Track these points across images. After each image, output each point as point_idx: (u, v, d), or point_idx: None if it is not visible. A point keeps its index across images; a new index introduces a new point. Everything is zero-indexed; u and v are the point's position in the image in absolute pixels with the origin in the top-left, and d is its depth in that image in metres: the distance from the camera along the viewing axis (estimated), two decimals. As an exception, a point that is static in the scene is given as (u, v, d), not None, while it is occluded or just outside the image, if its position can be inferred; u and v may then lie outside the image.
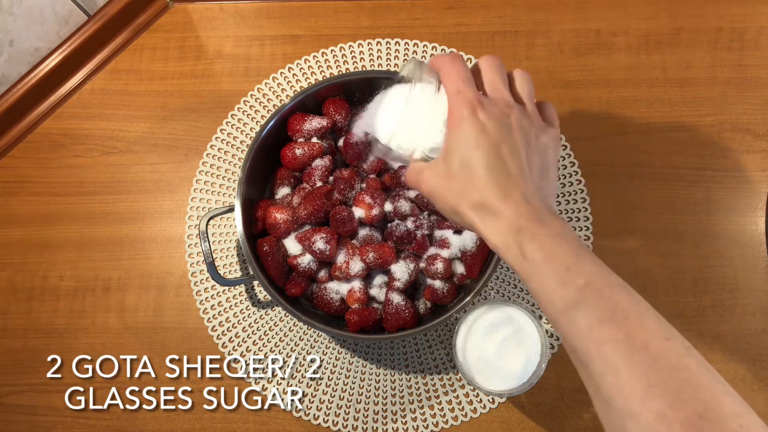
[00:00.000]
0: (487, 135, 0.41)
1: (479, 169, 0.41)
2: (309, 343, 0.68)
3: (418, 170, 0.46)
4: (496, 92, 0.43)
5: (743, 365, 0.66)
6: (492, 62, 0.44)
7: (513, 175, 0.41)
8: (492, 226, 0.41)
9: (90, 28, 0.75)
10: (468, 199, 0.42)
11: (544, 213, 0.40)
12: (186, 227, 0.72)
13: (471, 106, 0.42)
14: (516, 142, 0.42)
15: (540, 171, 0.43)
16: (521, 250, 0.39)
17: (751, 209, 0.71)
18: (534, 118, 0.44)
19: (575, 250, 0.39)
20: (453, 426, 0.66)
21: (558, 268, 0.38)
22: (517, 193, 0.41)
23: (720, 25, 0.76)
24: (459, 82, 0.43)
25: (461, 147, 0.42)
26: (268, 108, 0.75)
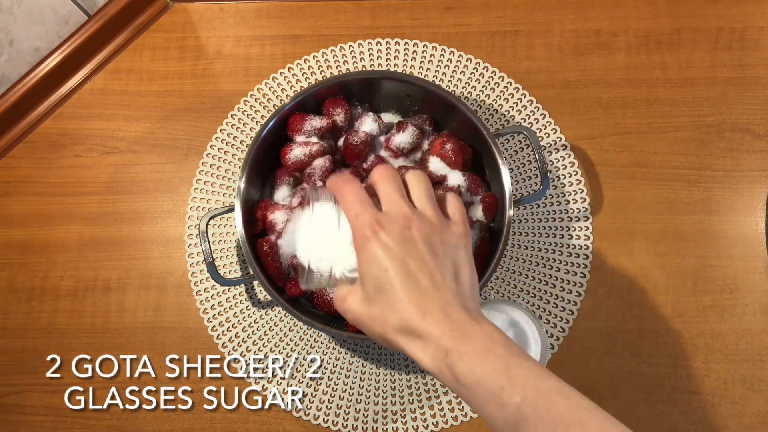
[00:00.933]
0: (392, 254, 0.40)
1: (393, 291, 0.40)
2: (309, 343, 0.68)
3: (342, 297, 0.45)
4: (392, 205, 0.43)
5: (743, 365, 0.66)
6: (385, 174, 0.44)
7: (427, 290, 0.40)
8: (420, 350, 0.40)
9: (90, 28, 0.75)
10: (391, 325, 0.41)
11: (467, 325, 0.39)
12: (186, 227, 0.72)
13: (371, 228, 0.41)
14: (422, 254, 0.41)
15: (454, 275, 0.42)
16: (453, 374, 0.38)
17: (751, 209, 0.71)
18: (436, 222, 0.43)
19: (505, 362, 0.38)
20: (453, 426, 0.66)
21: (492, 389, 0.37)
22: (434, 308, 0.40)
23: (720, 25, 0.76)
24: (356, 204, 0.43)
25: (371, 271, 0.41)
26: (268, 108, 0.75)
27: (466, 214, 0.46)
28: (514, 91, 0.75)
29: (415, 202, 0.44)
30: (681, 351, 0.67)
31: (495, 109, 0.74)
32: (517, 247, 0.70)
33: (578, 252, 0.70)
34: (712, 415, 0.65)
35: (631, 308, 0.68)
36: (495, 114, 0.74)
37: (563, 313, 0.68)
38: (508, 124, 0.74)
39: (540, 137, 0.73)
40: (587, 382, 0.66)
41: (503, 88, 0.75)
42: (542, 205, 0.71)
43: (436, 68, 0.76)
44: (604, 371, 0.67)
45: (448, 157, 0.63)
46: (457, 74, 0.75)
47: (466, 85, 0.75)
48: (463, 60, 0.76)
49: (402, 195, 0.44)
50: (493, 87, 0.75)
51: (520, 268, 0.70)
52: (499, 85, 0.75)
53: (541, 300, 0.69)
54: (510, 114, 0.74)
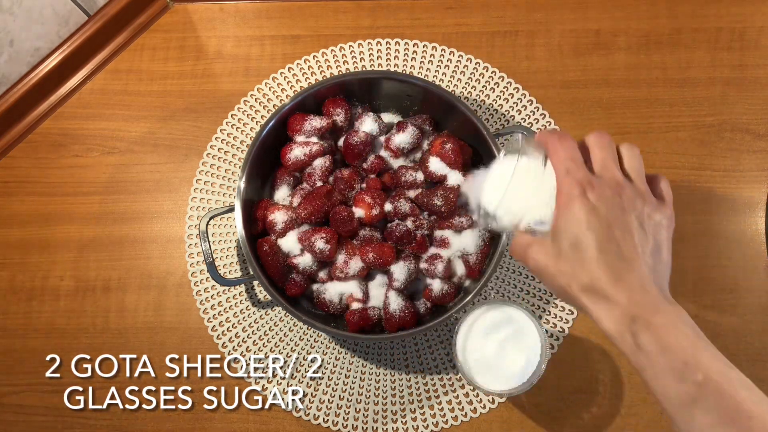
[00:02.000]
0: (599, 216, 0.40)
1: (590, 251, 0.40)
2: (309, 343, 0.68)
3: (525, 244, 0.45)
4: (606, 171, 0.42)
5: (743, 365, 0.65)
6: (601, 140, 0.44)
7: (626, 258, 0.40)
8: (604, 312, 0.40)
9: (90, 28, 0.75)
10: (578, 282, 0.41)
11: (659, 299, 0.40)
12: (186, 227, 0.72)
13: (581, 187, 0.41)
14: (628, 223, 0.41)
15: (653, 252, 0.42)
16: (635, 341, 0.38)
17: (751, 209, 0.71)
18: (646, 196, 0.43)
19: (693, 341, 0.38)
20: (453, 426, 0.66)
21: (674, 361, 0.37)
22: (630, 277, 0.40)
23: (720, 25, 0.76)
24: (568, 161, 0.42)
25: (572, 228, 0.41)
26: (268, 108, 0.75)
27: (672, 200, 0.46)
28: (514, 91, 0.75)
29: (627, 173, 0.44)
30: (681, 351, 0.67)
31: (495, 109, 0.74)
32: (517, 247, 0.70)
33: (578, 252, 0.69)
34: (712, 415, 0.65)
35: (631, 308, 0.68)
36: (495, 114, 0.74)
37: (563, 313, 0.68)
38: (508, 124, 0.74)
39: (540, 137, 0.73)
40: (587, 382, 0.67)
41: (503, 88, 0.75)
42: (542, 205, 0.71)
43: (436, 68, 0.76)
44: (604, 371, 0.67)
45: (448, 157, 0.63)
46: (457, 74, 0.75)
47: (466, 85, 0.75)
48: (463, 60, 0.76)
49: (616, 163, 0.43)
50: (493, 87, 0.75)
51: (520, 268, 0.70)
52: (499, 85, 0.75)
53: (541, 300, 0.69)
54: (510, 114, 0.74)
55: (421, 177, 0.65)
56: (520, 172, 0.45)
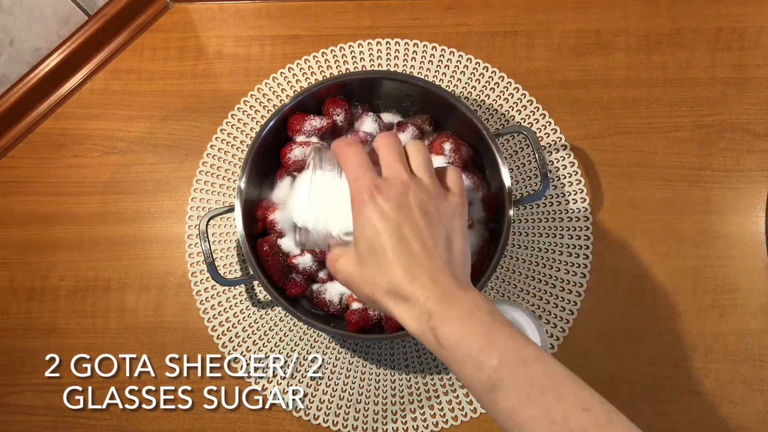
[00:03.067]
0: (387, 218, 0.41)
1: (385, 254, 0.41)
2: (309, 343, 0.68)
3: (335, 257, 0.46)
4: (392, 172, 0.43)
5: (743, 365, 0.66)
6: (386, 141, 0.45)
7: (417, 256, 0.41)
8: (406, 313, 0.41)
9: (90, 28, 0.75)
10: (380, 287, 0.41)
11: (454, 291, 0.40)
12: (186, 227, 0.72)
13: (369, 192, 0.42)
14: (416, 221, 0.42)
15: (446, 243, 0.43)
16: (435, 337, 0.39)
17: (751, 209, 0.71)
18: (433, 191, 0.44)
19: (487, 327, 0.39)
20: (453, 426, 0.66)
21: (471, 350, 0.38)
22: (423, 274, 0.40)
23: (720, 25, 0.76)
24: (356, 167, 0.43)
25: (365, 233, 0.42)
26: (268, 108, 0.75)
27: (464, 187, 0.47)
28: (514, 91, 0.75)
29: (414, 171, 0.45)
30: (681, 351, 0.67)
31: (495, 109, 0.74)
32: (517, 247, 0.70)
33: (578, 252, 0.70)
34: (712, 415, 0.65)
35: (631, 308, 0.68)
36: (495, 114, 0.74)
37: (563, 313, 0.68)
38: (508, 124, 0.74)
39: (540, 137, 0.73)
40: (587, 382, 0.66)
41: (503, 88, 0.75)
42: (542, 205, 0.71)
43: (436, 68, 0.76)
44: (604, 371, 0.67)
45: (448, 157, 0.63)
46: (457, 74, 0.75)
47: (466, 85, 0.75)
48: (463, 60, 0.76)
49: (402, 162, 0.44)
50: (493, 87, 0.75)
51: (520, 268, 0.70)
52: (499, 85, 0.75)
53: (541, 300, 0.69)
54: (510, 114, 0.74)
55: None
56: (318, 183, 0.45)
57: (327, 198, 0.46)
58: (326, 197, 0.46)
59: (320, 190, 0.46)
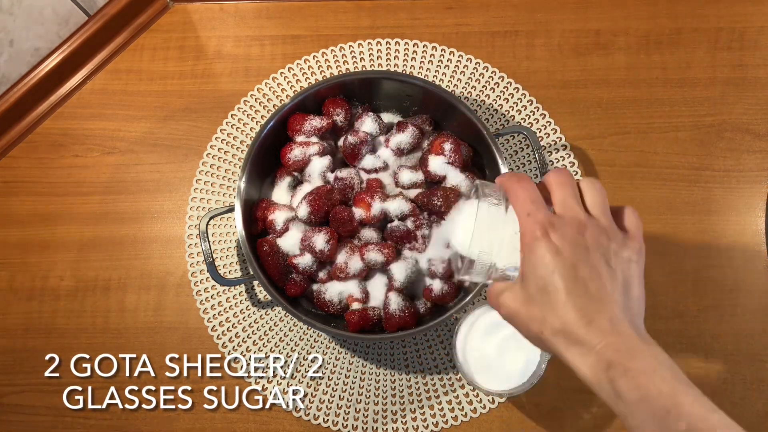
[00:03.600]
0: (563, 257, 0.39)
1: (558, 294, 0.39)
2: (309, 343, 0.68)
3: (498, 292, 0.44)
4: (568, 210, 0.41)
5: (743, 365, 0.66)
6: (560, 178, 0.43)
7: (595, 299, 0.39)
8: (579, 357, 0.39)
9: (90, 28, 0.75)
10: (550, 327, 0.40)
11: (634, 341, 0.38)
12: (186, 227, 0.72)
13: (542, 229, 0.40)
14: (594, 262, 0.40)
15: (623, 289, 0.40)
16: (614, 388, 0.37)
17: (751, 209, 0.71)
18: (611, 232, 0.41)
19: (673, 386, 0.37)
20: (453, 426, 0.66)
21: (656, 410, 0.36)
22: (602, 318, 0.38)
23: (720, 25, 0.76)
24: (528, 203, 0.41)
25: (537, 271, 0.40)
26: (268, 108, 0.75)
27: (642, 230, 0.44)
28: (514, 91, 0.75)
29: (590, 210, 0.42)
30: (681, 351, 0.67)
31: (495, 109, 0.74)
32: (517, 247, 0.70)
33: (578, 252, 0.69)
34: (712, 415, 0.65)
35: (631, 308, 0.68)
36: (495, 114, 0.74)
37: (563, 313, 0.68)
38: (508, 124, 0.74)
39: (540, 137, 0.73)
40: (587, 382, 0.66)
41: (503, 88, 0.75)
42: (542, 205, 0.71)
43: (436, 68, 0.76)
44: (604, 371, 0.67)
45: (448, 157, 0.63)
46: (457, 74, 0.75)
47: (466, 85, 0.75)
48: (463, 60, 0.76)
49: (577, 201, 0.42)
50: (493, 87, 0.75)
51: (520, 268, 0.70)
52: (499, 85, 0.75)
53: (541, 300, 0.69)
54: (510, 114, 0.74)
55: (421, 177, 0.65)
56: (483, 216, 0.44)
57: (492, 230, 0.44)
58: (491, 229, 0.44)
59: (485, 222, 0.44)
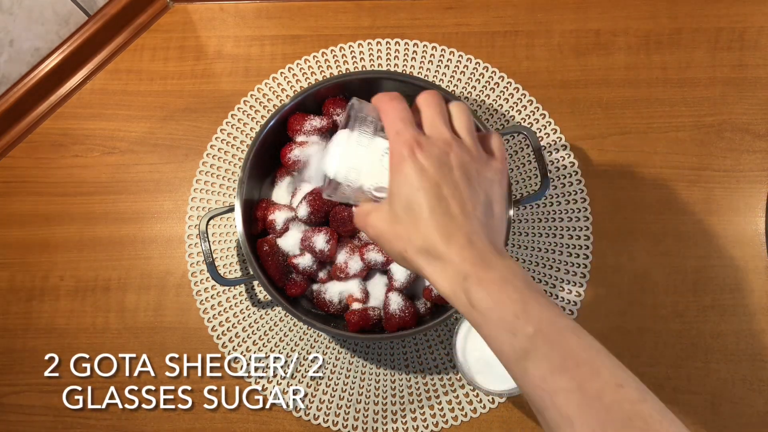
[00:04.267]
0: (427, 176, 0.40)
1: (422, 212, 0.40)
2: (309, 343, 0.68)
3: (365, 212, 0.45)
4: (435, 130, 0.42)
5: (743, 365, 0.66)
6: (430, 99, 0.44)
7: (455, 216, 0.40)
8: (439, 272, 0.40)
9: (90, 28, 0.75)
10: (413, 245, 0.41)
11: (490, 255, 0.39)
12: (186, 227, 0.72)
13: (409, 147, 0.40)
14: (456, 181, 0.41)
15: (485, 208, 0.42)
16: (468, 298, 0.38)
17: (751, 209, 0.71)
18: (475, 153, 0.43)
19: (523, 295, 0.38)
20: (453, 426, 0.66)
21: (506, 316, 0.37)
22: (460, 235, 0.39)
23: (720, 25, 0.76)
24: (398, 122, 0.42)
25: (403, 190, 0.41)
26: (268, 108, 0.75)
27: (505, 153, 0.45)
28: (514, 91, 0.75)
29: (457, 131, 0.43)
30: (681, 351, 0.67)
31: (495, 109, 0.74)
32: (517, 247, 0.70)
33: (578, 252, 0.70)
34: (712, 415, 0.65)
35: (631, 308, 0.68)
36: (495, 114, 0.74)
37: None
38: (508, 124, 0.74)
39: (540, 137, 0.73)
40: (587, 382, 0.66)
41: (503, 88, 0.75)
42: (542, 205, 0.71)
43: (436, 68, 0.76)
44: (604, 371, 0.67)
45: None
46: (457, 74, 0.75)
47: (466, 85, 0.75)
48: (463, 60, 0.76)
49: (445, 121, 0.43)
50: (493, 87, 0.75)
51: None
52: (499, 85, 0.75)
53: (541, 300, 0.69)
54: (510, 114, 0.74)
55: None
56: (354, 139, 0.44)
57: (361, 153, 0.44)
58: (360, 152, 0.44)
59: (354, 145, 0.44)
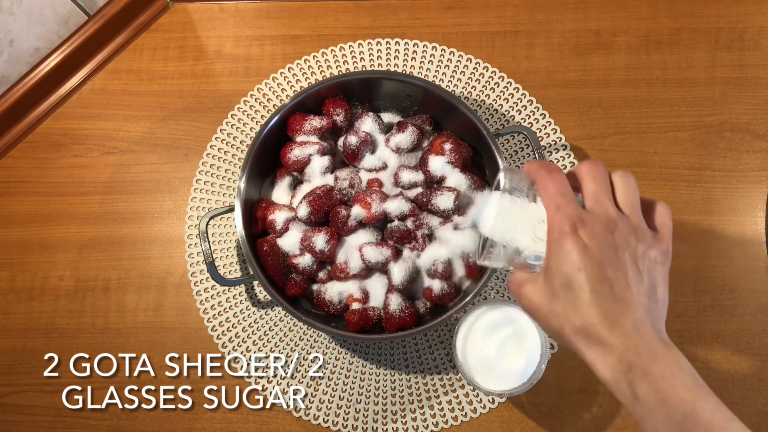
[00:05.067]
0: (590, 255, 0.38)
1: (583, 293, 0.39)
2: (309, 343, 0.68)
3: (519, 281, 0.43)
4: (598, 205, 0.40)
5: (743, 365, 0.66)
6: (594, 170, 0.41)
7: (619, 300, 0.38)
8: (599, 357, 0.39)
9: (90, 28, 0.75)
10: (571, 324, 0.39)
11: (656, 345, 0.38)
12: (186, 227, 0.72)
13: (571, 224, 0.39)
14: (622, 262, 0.39)
15: (648, 292, 0.40)
16: (632, 390, 0.37)
17: (751, 209, 0.71)
18: (640, 232, 0.41)
19: (692, 392, 0.37)
20: (453, 426, 0.66)
21: (674, 415, 0.36)
22: (625, 321, 0.38)
23: (720, 25, 0.76)
24: (558, 196, 0.40)
25: (562, 267, 0.39)
26: (268, 108, 0.75)
27: (672, 231, 0.44)
28: (514, 91, 0.75)
29: (621, 207, 0.41)
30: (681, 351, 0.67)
31: (495, 109, 0.74)
32: (517, 247, 0.70)
33: (578, 252, 0.69)
34: (712, 415, 0.65)
35: (631, 308, 0.68)
36: (495, 114, 0.74)
37: (563, 313, 0.68)
38: (508, 124, 0.74)
39: (540, 137, 0.73)
40: (587, 382, 0.66)
41: (503, 88, 0.75)
42: (542, 205, 0.71)
43: (436, 68, 0.76)
44: (604, 371, 0.67)
45: (448, 157, 0.63)
46: (457, 74, 0.75)
47: (466, 85, 0.75)
48: (463, 60, 0.76)
49: (609, 196, 0.41)
50: (493, 87, 0.75)
51: (520, 268, 0.70)
52: (499, 85, 0.75)
53: (541, 300, 0.69)
54: (510, 114, 0.74)
55: (421, 177, 0.65)
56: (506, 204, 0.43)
57: (517, 217, 0.43)
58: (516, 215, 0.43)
59: (510, 208, 0.43)
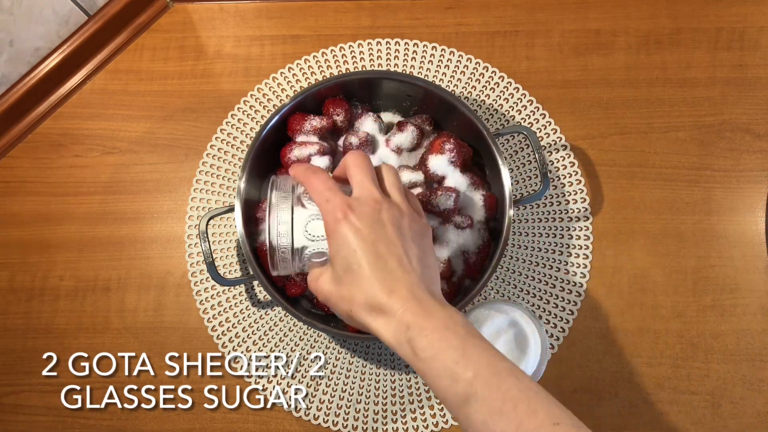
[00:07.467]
0: (362, 236, 0.42)
1: (362, 271, 0.42)
2: (309, 343, 0.68)
3: (314, 277, 0.47)
4: (365, 191, 0.45)
5: (743, 365, 0.66)
6: (358, 160, 0.46)
7: (394, 270, 0.42)
8: (383, 325, 0.41)
9: (90, 28, 0.75)
10: (357, 302, 0.43)
11: (430, 304, 0.41)
12: (186, 227, 0.72)
13: (342, 211, 0.43)
14: (391, 237, 0.43)
15: (419, 259, 0.44)
16: (412, 348, 0.40)
17: (751, 209, 0.71)
18: (403, 208, 0.45)
19: (463, 340, 0.39)
20: (453, 426, 0.66)
21: (447, 363, 0.39)
22: (401, 287, 0.42)
23: (720, 25, 0.76)
24: (325, 191, 0.45)
25: (341, 252, 0.43)
26: (268, 108, 0.75)
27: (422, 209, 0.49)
28: (514, 91, 0.75)
29: (386, 189, 0.46)
30: (681, 351, 0.67)
31: (495, 109, 0.74)
32: (517, 247, 0.70)
33: (578, 252, 0.70)
34: (712, 415, 0.65)
35: (631, 308, 0.68)
36: (495, 114, 0.74)
37: (563, 313, 0.68)
38: (508, 124, 0.74)
39: (540, 137, 0.73)
40: (587, 382, 0.66)
41: (503, 88, 0.75)
42: (542, 205, 0.71)
43: (436, 68, 0.76)
44: (604, 371, 0.67)
45: (448, 157, 0.63)
46: (457, 74, 0.75)
47: (466, 85, 0.75)
48: (463, 60, 0.76)
49: (374, 181, 0.46)
50: (493, 87, 0.75)
51: (520, 268, 0.70)
52: (499, 85, 0.75)
53: (541, 300, 0.69)
54: (510, 114, 0.74)
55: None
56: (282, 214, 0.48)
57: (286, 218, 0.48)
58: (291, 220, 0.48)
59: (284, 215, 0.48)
